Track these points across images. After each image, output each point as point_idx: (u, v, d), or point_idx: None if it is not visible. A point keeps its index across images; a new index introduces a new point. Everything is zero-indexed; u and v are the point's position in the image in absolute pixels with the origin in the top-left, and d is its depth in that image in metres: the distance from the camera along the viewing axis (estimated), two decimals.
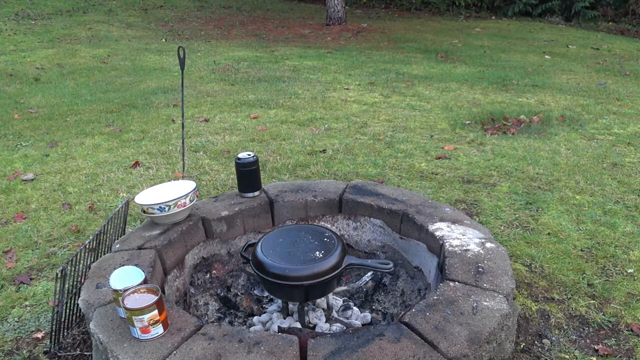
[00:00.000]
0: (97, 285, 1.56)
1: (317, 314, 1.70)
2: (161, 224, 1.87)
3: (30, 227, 2.61)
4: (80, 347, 1.75)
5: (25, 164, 3.45)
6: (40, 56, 7.26)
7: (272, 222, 2.10)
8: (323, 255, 1.56)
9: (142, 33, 9.39)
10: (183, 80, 2.37)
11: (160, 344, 1.30)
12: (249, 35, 9.56)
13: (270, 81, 5.82)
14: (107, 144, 3.81)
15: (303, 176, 3.17)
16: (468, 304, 1.42)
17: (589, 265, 2.18)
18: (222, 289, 1.98)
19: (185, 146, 3.60)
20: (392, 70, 6.37)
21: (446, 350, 1.26)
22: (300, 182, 2.25)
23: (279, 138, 3.87)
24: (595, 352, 1.70)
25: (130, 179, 3.16)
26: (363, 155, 3.52)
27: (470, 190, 2.94)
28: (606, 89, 5.41)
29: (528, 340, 1.76)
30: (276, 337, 1.32)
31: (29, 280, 2.17)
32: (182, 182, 1.97)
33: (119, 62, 6.98)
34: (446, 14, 12.47)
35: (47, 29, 9.21)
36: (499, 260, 1.64)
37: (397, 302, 1.91)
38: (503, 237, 2.43)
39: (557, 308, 1.93)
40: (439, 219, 1.88)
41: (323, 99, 4.99)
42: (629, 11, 11.82)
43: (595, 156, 3.43)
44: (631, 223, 2.54)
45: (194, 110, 4.65)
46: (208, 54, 7.56)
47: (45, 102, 5.02)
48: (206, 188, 3.01)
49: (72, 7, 11.39)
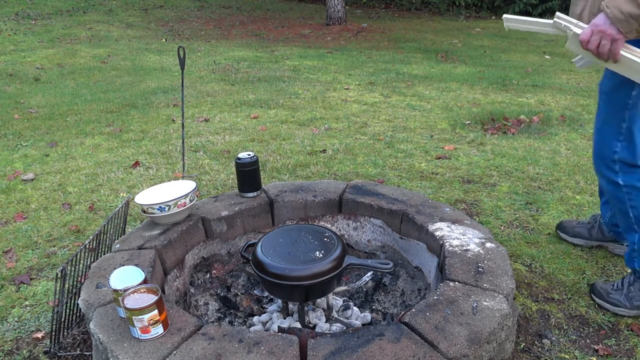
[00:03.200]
0: (97, 285, 1.56)
1: (317, 314, 1.70)
2: (161, 224, 1.87)
3: (30, 227, 2.61)
4: (80, 347, 1.75)
5: (25, 164, 3.45)
6: (40, 56, 7.27)
7: (272, 222, 2.10)
8: (323, 255, 1.56)
9: (142, 33, 9.39)
10: (183, 80, 2.37)
11: (160, 344, 1.30)
12: (249, 35, 9.56)
13: (270, 81, 5.82)
14: (107, 144, 3.81)
15: (303, 176, 3.17)
16: (468, 304, 1.42)
17: (589, 265, 2.18)
18: (222, 289, 1.98)
19: (185, 146, 3.60)
20: (392, 70, 6.37)
21: (446, 350, 1.26)
22: (300, 182, 2.25)
23: (279, 138, 3.87)
24: (595, 352, 1.70)
25: (130, 179, 3.16)
26: (363, 155, 3.52)
27: (470, 190, 2.94)
28: None
29: (528, 340, 1.76)
30: (276, 337, 1.32)
31: (29, 280, 2.17)
32: (182, 182, 1.97)
33: (119, 62, 6.98)
34: (446, 14, 12.46)
35: (47, 29, 9.22)
36: (499, 260, 1.64)
37: (397, 302, 1.91)
38: (503, 237, 2.43)
39: (557, 308, 1.93)
40: (439, 219, 1.88)
41: (323, 99, 4.99)
42: None
43: None
44: None
45: (194, 110, 4.65)
46: (208, 54, 7.56)
47: (45, 102, 5.02)
48: (206, 188, 3.01)
49: (72, 7, 11.39)
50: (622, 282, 1.91)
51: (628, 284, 1.88)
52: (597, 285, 1.96)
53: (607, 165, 1.80)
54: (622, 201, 1.81)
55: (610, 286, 1.92)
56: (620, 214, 1.86)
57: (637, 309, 1.84)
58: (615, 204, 1.87)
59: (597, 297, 1.93)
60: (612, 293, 1.90)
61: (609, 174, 1.80)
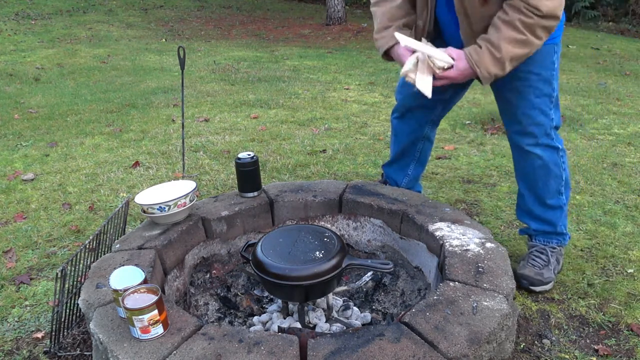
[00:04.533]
0: (97, 285, 1.56)
1: (317, 314, 1.70)
2: (161, 224, 1.87)
3: (30, 227, 2.61)
4: (80, 347, 1.75)
5: (25, 164, 3.45)
6: (40, 56, 7.27)
7: (272, 222, 2.10)
8: (323, 255, 1.56)
9: (142, 33, 9.40)
10: (183, 80, 2.37)
11: (160, 344, 1.30)
12: (249, 35, 9.57)
13: (270, 81, 5.82)
14: (107, 144, 3.81)
15: (303, 176, 3.17)
16: (468, 304, 1.42)
17: (589, 265, 2.19)
18: (222, 289, 1.98)
19: (185, 146, 3.60)
20: (392, 70, 6.37)
21: (446, 350, 1.26)
22: (300, 182, 2.25)
23: (279, 138, 3.87)
24: (595, 352, 1.71)
25: (130, 179, 3.16)
26: (363, 155, 3.52)
27: (470, 190, 2.94)
28: (606, 89, 5.41)
29: (528, 340, 1.76)
30: (276, 337, 1.32)
31: (29, 280, 2.17)
32: (182, 182, 1.97)
33: (119, 62, 6.98)
34: None
35: (47, 29, 9.22)
36: (499, 260, 1.64)
37: (397, 302, 1.91)
38: (503, 237, 2.43)
39: (557, 308, 1.93)
40: (439, 219, 1.88)
41: (323, 99, 4.99)
42: (629, 11, 11.82)
43: (595, 156, 3.43)
44: (631, 223, 2.54)
45: (194, 110, 4.65)
46: (208, 54, 7.56)
47: (45, 102, 5.02)
48: (206, 188, 3.01)
49: (72, 7, 11.39)
50: (546, 258, 2.01)
51: (556, 257, 2.04)
52: (526, 275, 1.99)
53: (547, 133, 1.90)
54: (557, 165, 1.95)
55: (538, 268, 2.00)
56: (553, 179, 1.97)
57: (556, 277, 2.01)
58: (550, 172, 1.95)
59: (537, 285, 1.98)
60: (545, 273, 1.99)
61: (549, 141, 1.91)
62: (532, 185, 2.01)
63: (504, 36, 1.63)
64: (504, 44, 1.64)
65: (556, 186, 1.99)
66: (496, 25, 1.66)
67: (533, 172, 1.97)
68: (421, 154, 2.37)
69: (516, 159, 2.03)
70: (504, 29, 1.63)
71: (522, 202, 2.10)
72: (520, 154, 1.98)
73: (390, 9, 1.89)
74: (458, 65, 1.72)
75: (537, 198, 2.02)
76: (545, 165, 1.94)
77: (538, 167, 1.95)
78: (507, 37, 1.63)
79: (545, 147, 1.92)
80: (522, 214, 2.14)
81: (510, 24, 1.62)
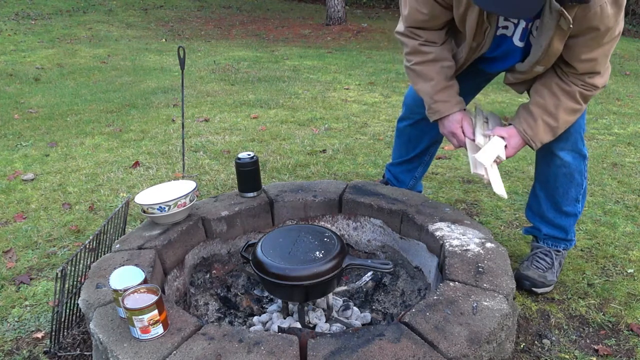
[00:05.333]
0: (97, 285, 1.56)
1: (317, 314, 1.70)
2: (161, 224, 1.87)
3: (30, 227, 2.61)
4: (80, 347, 1.76)
5: (25, 164, 3.45)
6: (40, 56, 7.27)
7: (272, 222, 2.10)
8: (323, 255, 1.56)
9: (142, 33, 9.40)
10: (183, 80, 2.38)
11: (160, 344, 1.30)
12: (249, 35, 9.57)
13: (270, 81, 5.82)
14: (107, 144, 3.81)
15: (303, 176, 3.17)
16: (468, 304, 1.42)
17: (589, 265, 2.19)
18: (222, 289, 1.98)
19: (185, 146, 3.60)
20: (392, 70, 6.37)
21: (446, 350, 1.26)
22: (300, 182, 2.25)
23: (279, 138, 3.87)
24: (595, 352, 1.71)
25: (130, 179, 3.16)
26: (363, 155, 3.52)
27: (470, 190, 2.94)
28: (606, 89, 5.41)
29: (528, 340, 1.76)
30: (276, 337, 1.32)
31: (29, 280, 2.17)
32: (182, 182, 1.97)
33: (119, 62, 6.98)
34: None
35: (47, 29, 9.22)
36: (499, 260, 1.64)
37: (397, 302, 1.91)
38: (503, 237, 2.43)
39: (557, 308, 1.93)
40: (439, 219, 1.88)
41: (323, 99, 4.99)
42: (629, 11, 11.81)
43: (595, 156, 3.43)
44: (631, 223, 2.54)
45: (194, 110, 4.65)
46: (208, 54, 7.56)
47: (45, 102, 5.02)
48: (206, 188, 3.01)
49: (72, 7, 11.39)
50: (550, 261, 2.01)
51: (559, 260, 2.04)
52: (529, 276, 1.98)
53: (583, 139, 1.89)
54: (581, 173, 1.93)
55: (542, 270, 1.99)
56: (574, 187, 1.95)
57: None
58: (573, 179, 1.94)
59: (540, 287, 1.98)
60: (549, 275, 1.99)
61: (582, 147, 1.89)
62: (552, 191, 1.97)
63: (564, 106, 1.66)
64: (562, 114, 1.66)
65: (575, 194, 1.96)
66: (555, 93, 1.66)
67: (555, 179, 1.94)
68: (431, 157, 2.37)
69: (540, 162, 1.99)
70: (564, 99, 1.65)
71: (535, 204, 2.07)
72: (546, 157, 1.93)
73: (442, 69, 1.81)
74: (511, 143, 1.74)
75: (553, 204, 1.99)
76: (570, 173, 1.91)
77: (562, 175, 1.91)
78: (566, 107, 1.65)
79: (575, 152, 1.88)
80: (533, 216, 2.11)
81: (570, 95, 1.64)
